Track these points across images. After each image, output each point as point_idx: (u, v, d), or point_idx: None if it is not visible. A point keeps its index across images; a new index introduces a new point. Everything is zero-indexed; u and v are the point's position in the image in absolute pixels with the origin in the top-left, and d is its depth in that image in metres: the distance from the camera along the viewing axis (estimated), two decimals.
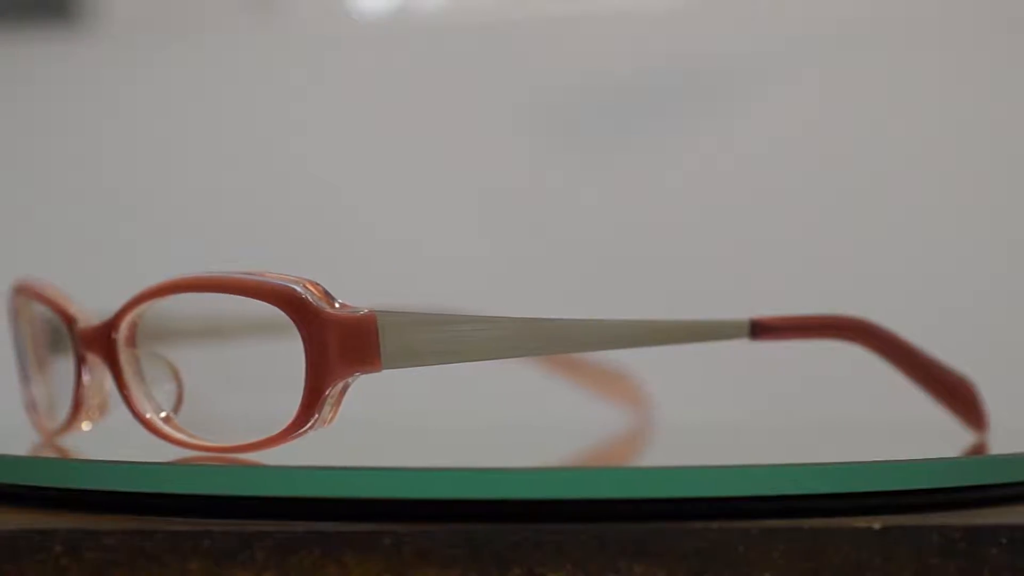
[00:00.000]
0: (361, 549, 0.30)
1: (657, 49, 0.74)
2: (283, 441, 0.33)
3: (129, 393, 0.35)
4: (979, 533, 0.30)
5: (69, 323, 0.36)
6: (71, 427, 0.37)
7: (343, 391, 0.33)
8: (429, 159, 0.75)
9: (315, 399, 0.33)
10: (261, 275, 0.34)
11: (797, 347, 0.39)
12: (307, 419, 0.33)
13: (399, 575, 0.30)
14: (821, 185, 0.72)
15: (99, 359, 0.35)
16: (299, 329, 0.33)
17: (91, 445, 0.38)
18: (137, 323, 0.35)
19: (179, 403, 0.35)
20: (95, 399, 0.37)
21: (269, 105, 0.76)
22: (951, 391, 0.40)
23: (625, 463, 0.42)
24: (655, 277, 0.72)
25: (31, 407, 0.40)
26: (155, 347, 0.35)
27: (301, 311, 0.33)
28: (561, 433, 0.49)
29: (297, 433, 0.33)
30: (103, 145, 0.76)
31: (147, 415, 0.35)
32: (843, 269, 0.71)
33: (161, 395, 0.35)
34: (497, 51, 0.74)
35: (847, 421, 0.59)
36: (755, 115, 0.73)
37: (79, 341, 0.36)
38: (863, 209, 0.72)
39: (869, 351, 0.39)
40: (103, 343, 0.35)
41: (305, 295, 0.33)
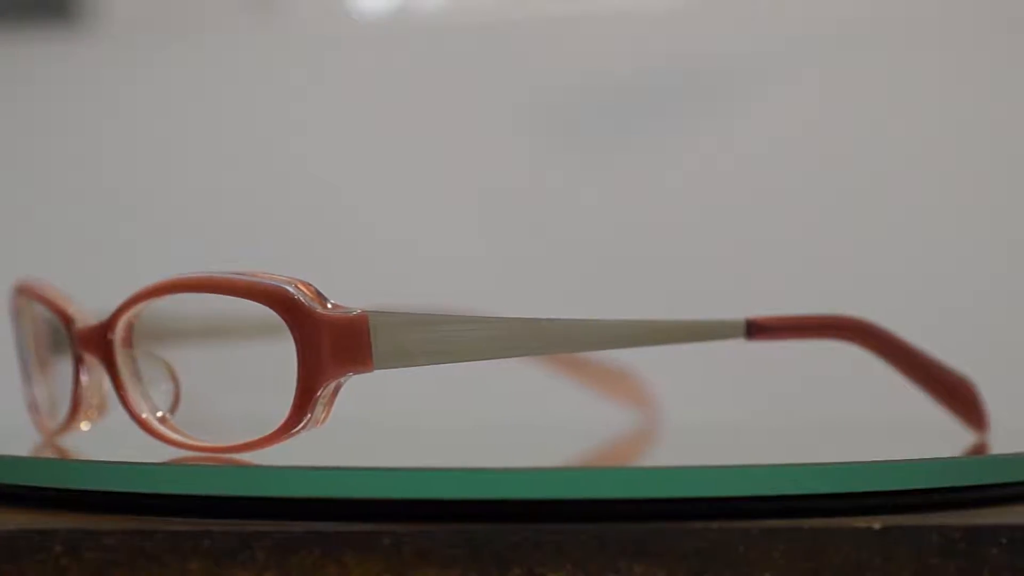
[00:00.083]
0: (361, 549, 0.30)
1: (657, 49, 0.74)
2: (276, 441, 0.33)
3: (125, 393, 0.35)
4: (979, 533, 0.30)
5: (67, 323, 0.36)
6: (70, 427, 0.38)
7: (335, 391, 0.33)
8: (429, 159, 0.75)
9: (307, 399, 0.33)
10: (253, 275, 0.34)
11: (797, 347, 0.39)
12: (299, 419, 0.33)
13: (399, 575, 0.30)
14: (821, 185, 0.72)
15: (96, 359, 0.35)
16: (291, 329, 0.33)
17: (91, 445, 0.38)
18: (133, 323, 0.35)
19: (176, 403, 0.35)
20: (93, 399, 0.37)
21: (269, 105, 0.76)
22: (951, 391, 0.40)
23: (626, 463, 0.42)
24: (655, 277, 0.72)
25: (33, 407, 0.40)
26: (152, 347, 0.35)
27: (293, 311, 0.33)
28: (561, 433, 0.49)
29: (290, 433, 0.33)
30: (103, 145, 0.76)
31: (143, 415, 0.35)
32: (843, 269, 0.71)
33: (158, 395, 0.35)
34: (497, 51, 0.74)
35: (847, 421, 0.59)
36: (755, 115, 0.73)
37: (76, 341, 0.36)
38: (863, 209, 0.72)
39: (867, 351, 0.39)
40: (100, 343, 0.35)
41: (297, 295, 0.33)
